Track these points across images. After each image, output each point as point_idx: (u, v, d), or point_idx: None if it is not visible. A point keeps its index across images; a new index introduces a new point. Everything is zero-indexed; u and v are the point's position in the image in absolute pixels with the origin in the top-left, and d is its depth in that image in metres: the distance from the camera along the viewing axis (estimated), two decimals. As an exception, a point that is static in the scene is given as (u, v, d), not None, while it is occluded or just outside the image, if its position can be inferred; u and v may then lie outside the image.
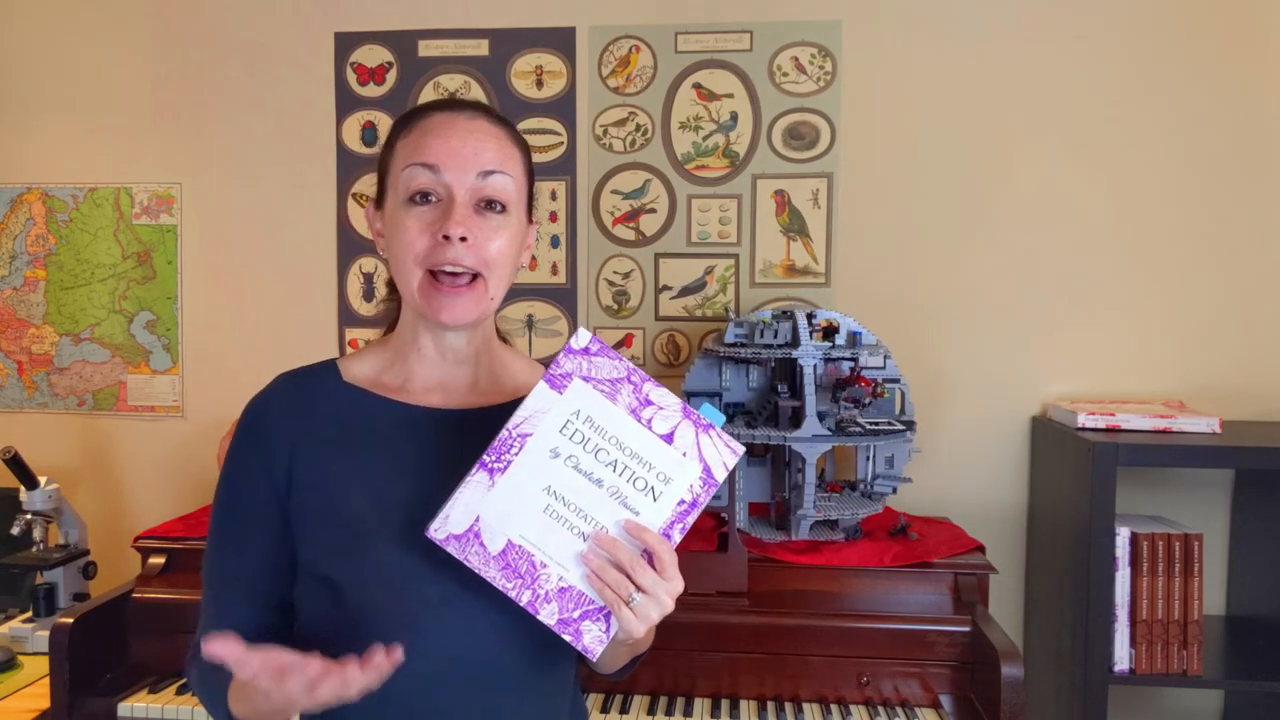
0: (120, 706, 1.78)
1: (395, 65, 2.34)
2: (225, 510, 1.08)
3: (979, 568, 1.85)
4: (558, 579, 0.94)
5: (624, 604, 0.93)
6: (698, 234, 2.29)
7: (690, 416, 0.98)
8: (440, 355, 1.10)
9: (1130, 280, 2.19)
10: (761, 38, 2.24)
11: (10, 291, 2.48)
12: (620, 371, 0.97)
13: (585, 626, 0.95)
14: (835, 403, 1.95)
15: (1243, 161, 2.15)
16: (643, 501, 0.96)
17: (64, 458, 2.47)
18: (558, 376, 0.96)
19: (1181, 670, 1.82)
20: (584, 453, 0.96)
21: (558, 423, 0.95)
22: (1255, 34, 2.13)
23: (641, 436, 0.96)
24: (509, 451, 0.95)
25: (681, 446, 0.97)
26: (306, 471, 1.05)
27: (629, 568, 0.94)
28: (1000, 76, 2.19)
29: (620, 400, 0.96)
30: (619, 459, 0.96)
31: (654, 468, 0.96)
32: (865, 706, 1.75)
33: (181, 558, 1.96)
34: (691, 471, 0.97)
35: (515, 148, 1.09)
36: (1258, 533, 2.08)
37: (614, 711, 1.72)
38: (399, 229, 1.04)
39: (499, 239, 1.04)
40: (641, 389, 0.97)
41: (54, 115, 2.44)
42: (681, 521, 0.97)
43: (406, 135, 1.06)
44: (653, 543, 0.95)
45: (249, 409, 1.09)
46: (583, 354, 0.97)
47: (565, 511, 0.95)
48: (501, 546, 0.94)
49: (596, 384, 0.96)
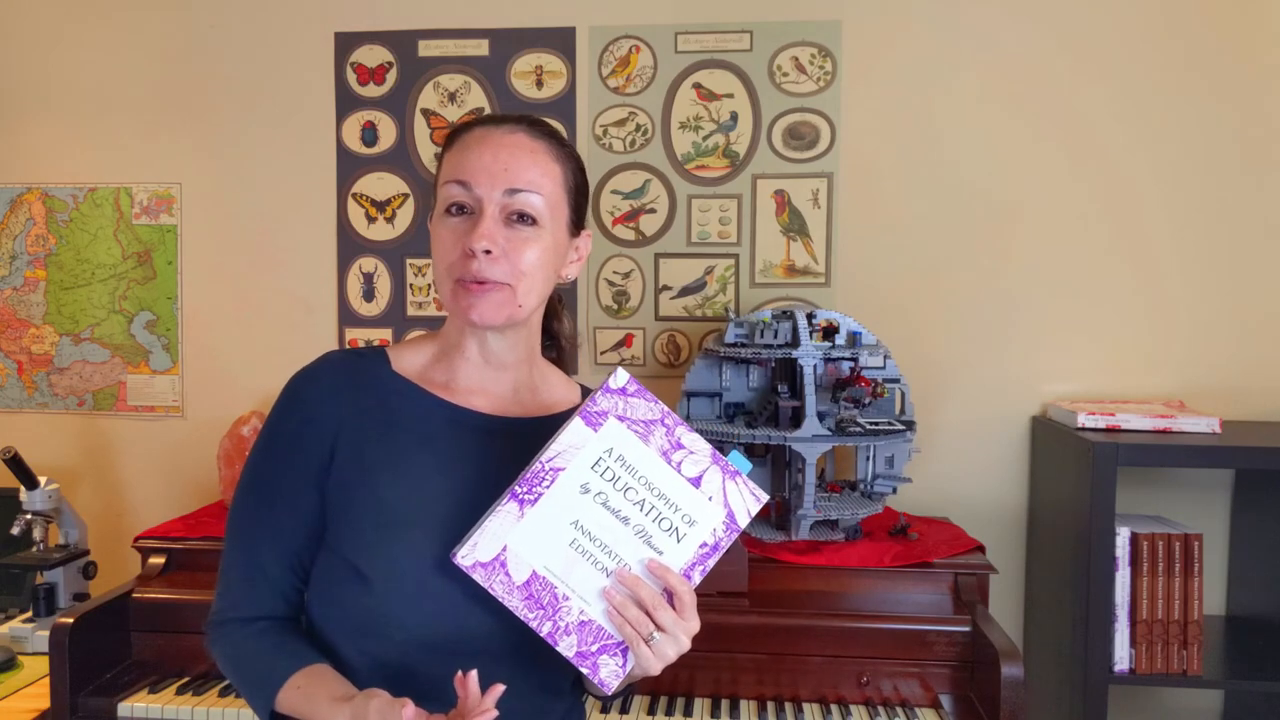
0: (120, 706, 1.78)
1: (395, 65, 2.34)
2: (263, 478, 1.09)
3: (979, 568, 1.85)
4: (579, 612, 0.96)
5: (643, 641, 0.96)
6: (698, 234, 2.29)
7: (719, 462, 1.00)
8: (484, 359, 1.13)
9: (1130, 280, 2.19)
10: (761, 38, 2.24)
11: (10, 291, 2.48)
12: (655, 414, 0.99)
13: (603, 660, 0.97)
14: (835, 403, 1.95)
15: (1243, 161, 2.15)
16: (667, 542, 0.98)
17: (64, 458, 2.47)
18: (594, 414, 0.98)
19: (1181, 670, 1.82)
20: (613, 490, 0.98)
21: (590, 459, 0.97)
22: (1256, 34, 2.13)
23: (670, 478, 0.99)
24: (540, 484, 0.96)
25: (708, 491, 0.99)
26: (350, 451, 1.06)
27: (650, 606, 0.96)
28: (1000, 76, 2.19)
29: (653, 442, 0.99)
30: (647, 498, 0.98)
31: (680, 509, 0.99)
32: (865, 706, 1.75)
33: (181, 557, 1.96)
34: (716, 516, 0.99)
35: (554, 162, 1.10)
36: (1258, 533, 2.08)
37: (614, 711, 1.72)
38: (437, 240, 1.08)
39: (530, 250, 1.06)
40: (674, 432, 0.99)
41: (54, 115, 2.44)
42: (702, 564, 0.99)
43: (451, 149, 1.10)
44: (675, 583, 0.97)
45: (299, 378, 1.11)
46: (620, 393, 0.99)
47: (591, 547, 0.97)
48: (526, 577, 0.96)
49: (631, 424, 0.99)
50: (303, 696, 1.00)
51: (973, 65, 2.20)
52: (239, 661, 1.07)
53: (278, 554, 1.08)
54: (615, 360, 2.32)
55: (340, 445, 1.07)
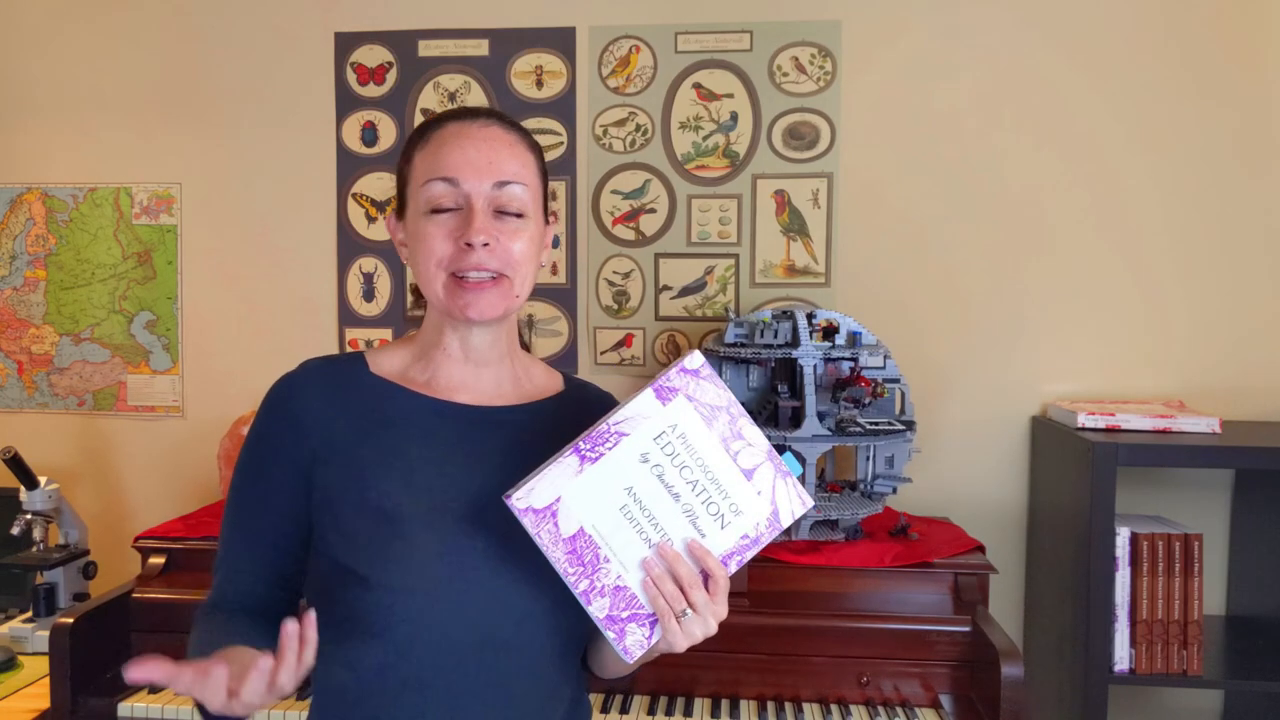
0: (120, 706, 1.78)
1: (395, 65, 2.34)
2: (247, 480, 1.10)
3: (979, 568, 1.85)
4: (616, 576, 0.98)
5: (675, 617, 0.97)
6: (698, 234, 2.29)
7: (773, 460, 1.02)
8: (465, 356, 1.13)
9: (1130, 280, 2.19)
10: (761, 38, 2.24)
11: (10, 291, 2.48)
12: (722, 401, 1.01)
13: (630, 629, 0.98)
14: (835, 403, 1.95)
15: (1243, 161, 2.15)
16: (711, 525, 1.00)
17: (64, 458, 2.47)
18: (666, 389, 1.00)
19: (1181, 670, 1.82)
20: (671, 465, 0.99)
21: (654, 431, 0.99)
22: (1256, 34, 2.13)
23: (725, 465, 1.00)
24: (604, 444, 0.98)
25: (759, 485, 1.01)
26: (334, 455, 1.06)
27: (686, 584, 0.97)
28: (1000, 76, 2.19)
29: (715, 427, 1.00)
30: (700, 480, 1.00)
31: (729, 497, 1.00)
32: (865, 706, 1.75)
33: (182, 558, 1.96)
34: (762, 510, 1.01)
35: (529, 152, 1.12)
36: (1258, 533, 2.08)
37: (614, 711, 1.72)
38: (422, 237, 1.06)
39: (519, 241, 1.07)
40: (737, 422, 1.01)
41: (54, 115, 2.44)
42: (741, 554, 1.00)
43: (423, 147, 1.09)
44: (713, 566, 0.98)
45: (279, 386, 1.11)
46: (693, 374, 1.01)
47: (640, 515, 0.98)
48: (574, 531, 0.97)
49: (698, 405, 1.00)
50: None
51: (972, 65, 2.20)
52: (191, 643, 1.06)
53: (254, 558, 1.08)
54: (615, 360, 2.32)
55: (323, 450, 1.06)
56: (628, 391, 2.28)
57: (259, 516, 1.08)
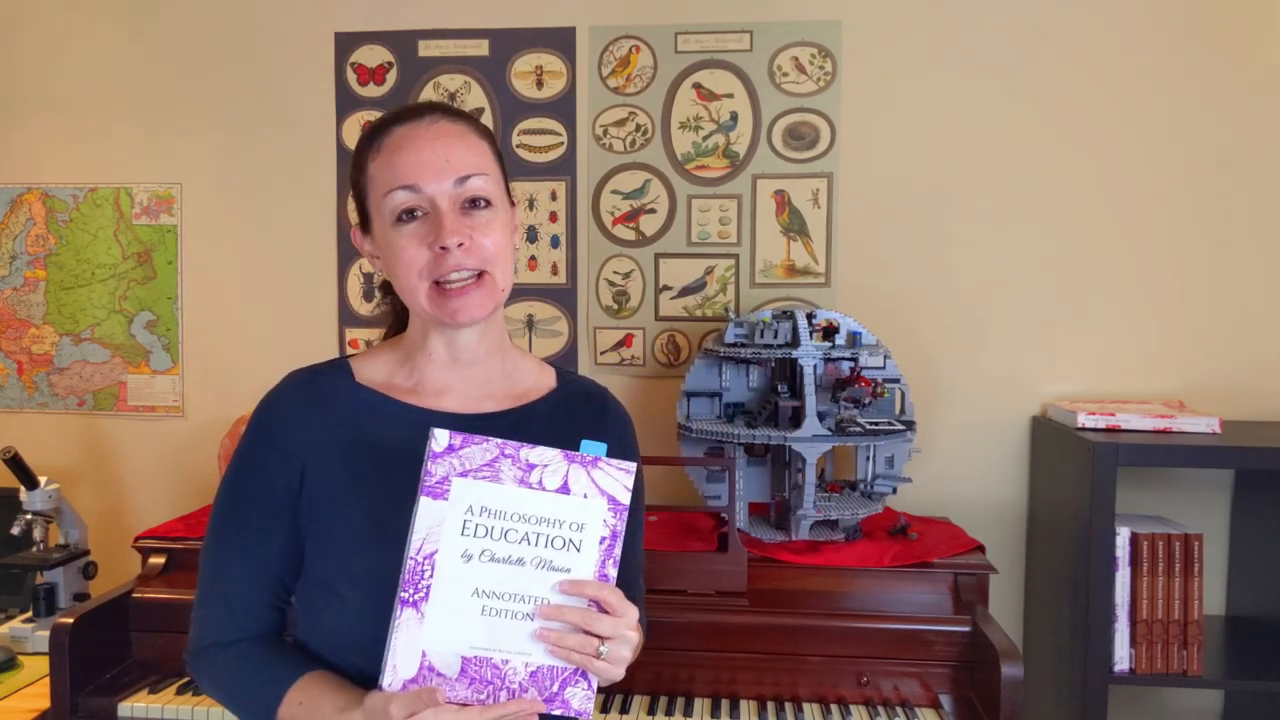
0: (120, 706, 1.77)
1: (395, 65, 2.34)
2: (233, 507, 1.09)
3: (979, 568, 1.85)
4: (524, 667, 0.96)
5: (594, 658, 0.95)
6: (698, 234, 2.29)
7: (574, 460, 0.98)
8: (451, 358, 1.12)
9: (1130, 280, 2.19)
10: (761, 38, 2.24)
11: (10, 291, 2.48)
12: (492, 452, 0.96)
13: (570, 694, 0.97)
14: (835, 403, 1.95)
15: (1243, 161, 2.15)
16: (567, 558, 0.97)
17: (64, 458, 2.47)
18: (434, 486, 0.95)
19: (1181, 670, 1.82)
20: (494, 542, 0.95)
21: (455, 528, 0.95)
22: (1256, 34, 2.13)
23: (538, 500, 0.97)
24: (424, 578, 0.94)
25: (579, 490, 0.98)
26: (318, 474, 1.06)
27: (584, 623, 0.95)
28: (1000, 76, 2.19)
29: (504, 477, 0.96)
30: (527, 531, 0.96)
31: (564, 523, 0.97)
32: (865, 706, 1.75)
33: (182, 558, 1.96)
34: (599, 508, 0.98)
35: (482, 140, 1.10)
36: (1258, 533, 2.08)
37: (614, 711, 1.72)
38: (394, 249, 1.05)
39: (492, 233, 1.06)
40: (519, 457, 0.97)
41: (54, 115, 2.44)
42: (610, 556, 0.99)
43: (376, 156, 1.07)
44: (593, 591, 0.97)
45: (262, 408, 1.10)
46: (449, 453, 0.95)
47: (502, 604, 0.95)
48: (459, 667, 0.94)
49: (475, 474, 0.95)
50: (305, 711, 0.99)
51: (973, 65, 2.19)
52: (229, 684, 1.06)
53: (253, 580, 1.07)
54: (615, 360, 2.32)
55: (308, 469, 1.06)
56: (628, 391, 2.29)
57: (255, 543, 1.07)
